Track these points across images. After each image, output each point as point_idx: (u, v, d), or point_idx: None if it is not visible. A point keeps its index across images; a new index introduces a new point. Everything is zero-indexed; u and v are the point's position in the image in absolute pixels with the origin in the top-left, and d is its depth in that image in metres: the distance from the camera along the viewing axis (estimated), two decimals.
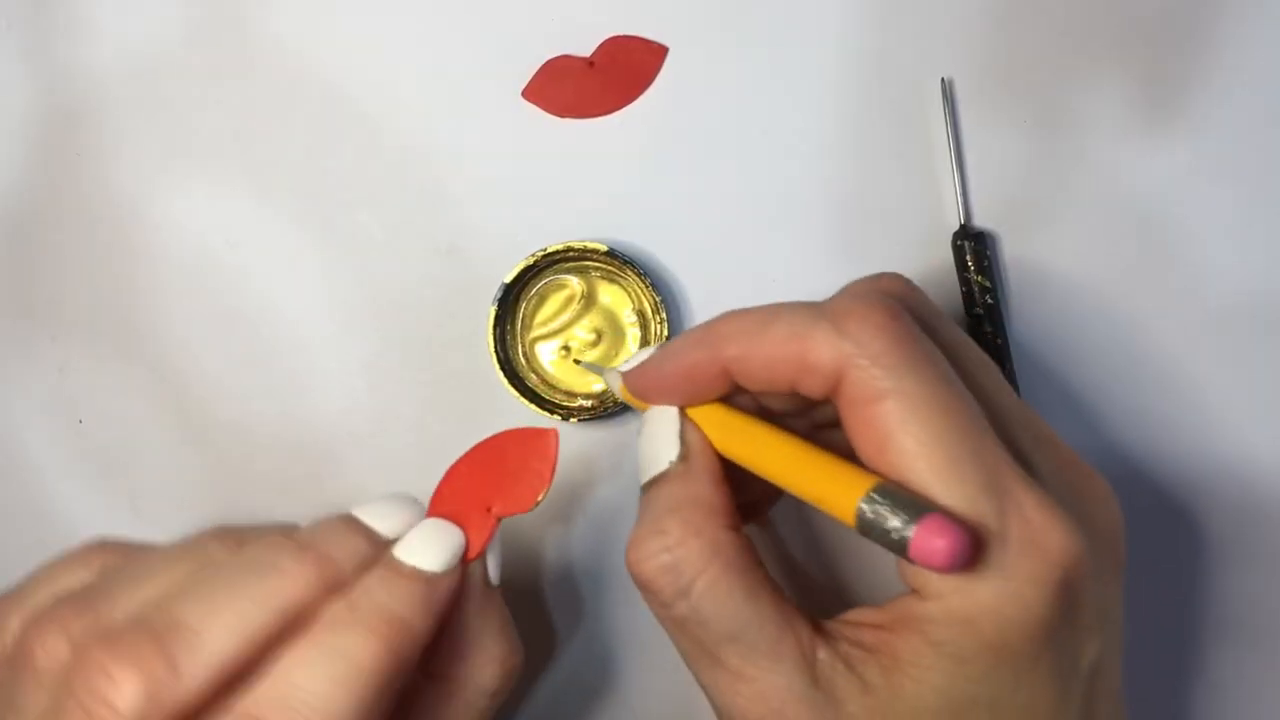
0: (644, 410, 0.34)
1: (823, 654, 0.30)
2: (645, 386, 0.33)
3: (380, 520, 0.31)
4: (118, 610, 0.28)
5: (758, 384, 0.31)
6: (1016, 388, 0.40)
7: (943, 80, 0.40)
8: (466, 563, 0.31)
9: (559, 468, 0.39)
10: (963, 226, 0.40)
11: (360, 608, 0.28)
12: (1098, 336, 0.40)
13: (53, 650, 0.27)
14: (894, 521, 0.27)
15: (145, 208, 0.40)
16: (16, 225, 0.40)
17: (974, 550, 0.27)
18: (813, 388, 0.30)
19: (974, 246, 0.39)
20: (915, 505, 0.27)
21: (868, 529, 0.28)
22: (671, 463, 0.32)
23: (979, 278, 0.39)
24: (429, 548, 0.30)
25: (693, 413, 0.33)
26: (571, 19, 0.40)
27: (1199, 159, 0.40)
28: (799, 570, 0.40)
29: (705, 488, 0.31)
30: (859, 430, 0.29)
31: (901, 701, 0.29)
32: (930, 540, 0.27)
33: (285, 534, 0.30)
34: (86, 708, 0.26)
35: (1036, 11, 0.41)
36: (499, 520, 0.31)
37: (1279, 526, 0.40)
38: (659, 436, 0.32)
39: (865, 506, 0.28)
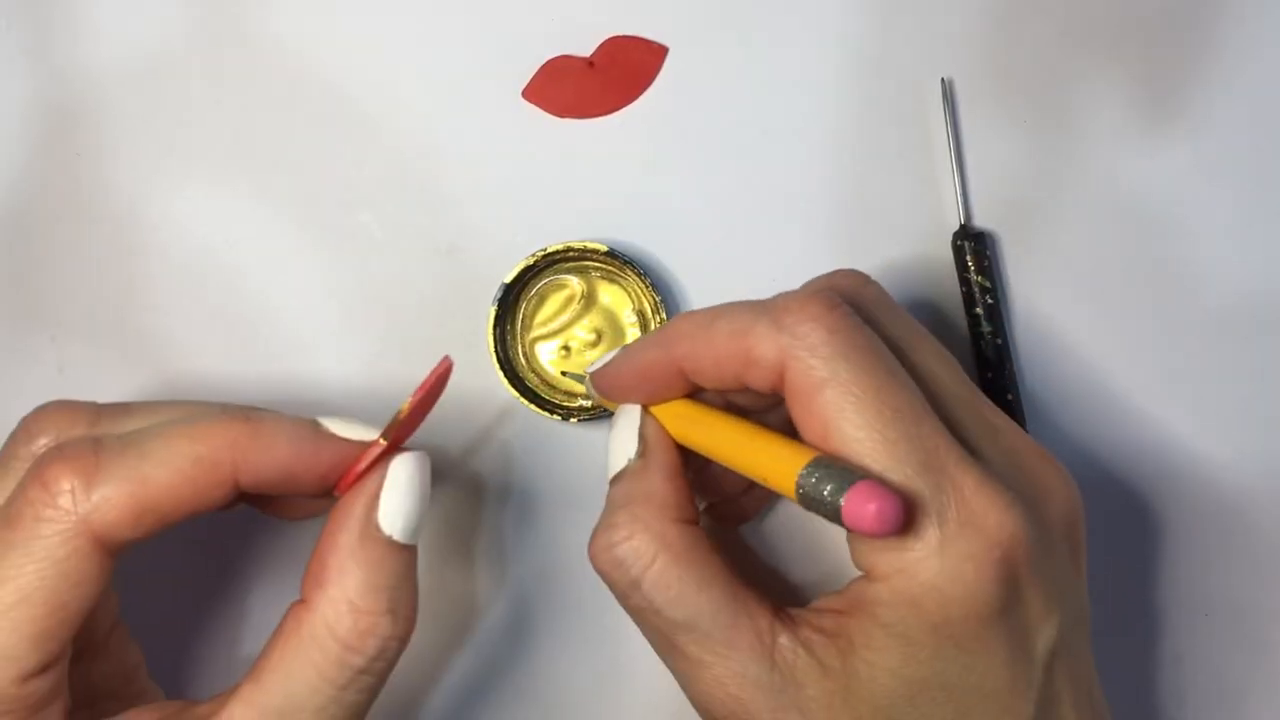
0: (608, 404, 0.35)
1: (784, 639, 0.31)
2: (608, 386, 0.35)
3: (341, 429, 0.32)
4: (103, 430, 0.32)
5: (710, 381, 0.32)
6: (1017, 388, 0.40)
7: (943, 80, 0.40)
8: (351, 475, 0.31)
9: (563, 463, 0.39)
10: (963, 226, 0.40)
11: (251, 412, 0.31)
12: (1097, 336, 0.40)
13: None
14: (828, 491, 0.28)
15: (145, 208, 0.40)
16: (16, 225, 0.40)
17: (903, 513, 0.28)
18: (760, 381, 0.31)
19: (974, 246, 0.39)
20: (848, 474, 0.29)
21: (807, 501, 0.29)
22: (630, 460, 0.33)
23: (979, 278, 0.39)
24: (342, 424, 0.32)
25: (657, 410, 0.34)
26: (571, 19, 0.40)
27: (1199, 159, 0.40)
28: (788, 567, 0.40)
29: (658, 482, 0.33)
30: (803, 420, 0.31)
31: (857, 683, 0.30)
32: (861, 505, 0.28)
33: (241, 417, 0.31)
34: (27, 497, 0.29)
35: (1036, 11, 0.41)
36: (383, 446, 0.31)
37: (1279, 523, 0.40)
38: (621, 434, 0.34)
39: (803, 479, 0.29)
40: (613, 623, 0.39)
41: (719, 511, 0.39)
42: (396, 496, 0.31)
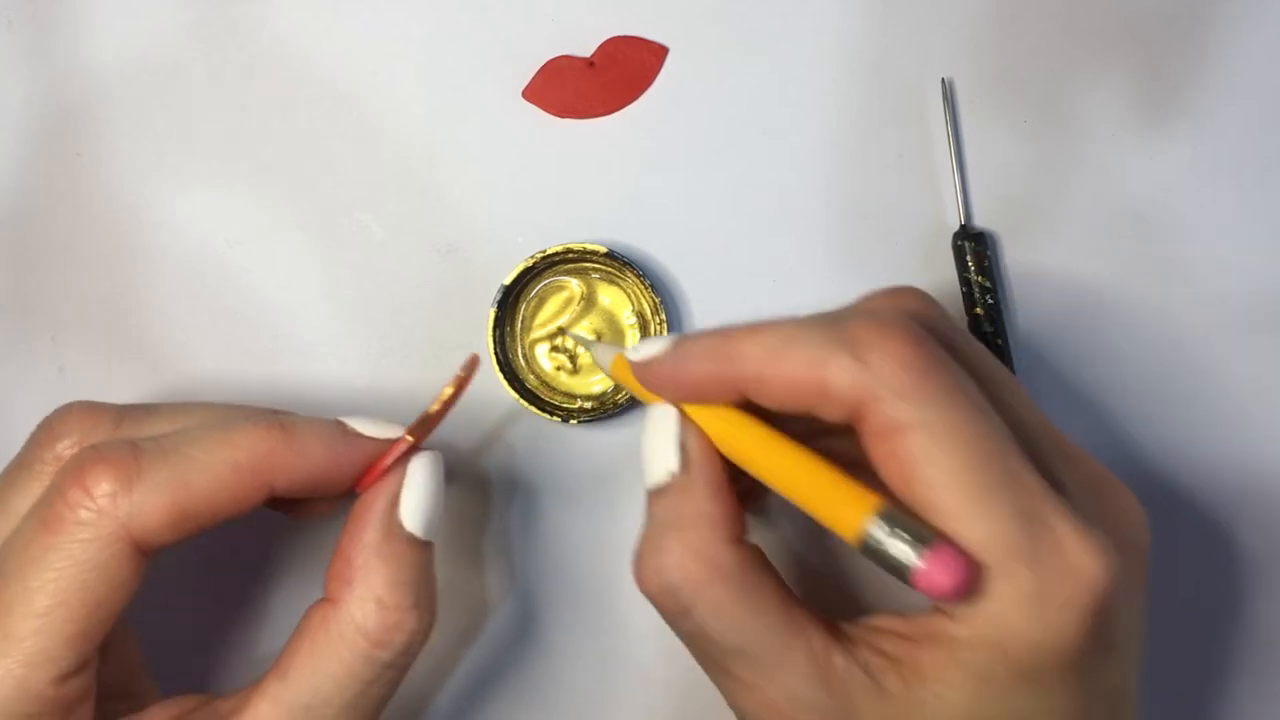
0: (636, 390, 0.33)
1: (839, 659, 0.29)
2: (654, 384, 0.32)
3: (366, 428, 0.33)
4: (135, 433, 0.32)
5: (772, 404, 0.30)
6: None
7: (943, 80, 0.40)
8: (375, 472, 0.32)
9: (563, 464, 0.40)
10: (963, 226, 0.40)
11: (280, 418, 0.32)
12: (1098, 336, 0.40)
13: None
14: (898, 549, 0.27)
15: (145, 208, 0.40)
16: (16, 225, 0.40)
17: (976, 580, 0.27)
18: (831, 415, 0.30)
19: (974, 246, 0.39)
20: (922, 533, 0.27)
21: (872, 555, 0.28)
22: (671, 474, 0.31)
23: (979, 278, 0.39)
24: (366, 423, 0.32)
25: (698, 414, 0.32)
26: (571, 19, 0.40)
27: (1199, 159, 0.40)
28: (813, 568, 0.39)
29: (705, 501, 0.31)
30: (884, 462, 0.29)
31: (918, 713, 0.29)
32: (937, 572, 0.27)
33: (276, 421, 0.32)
34: (66, 499, 0.29)
35: (1037, 11, 0.41)
36: (410, 443, 0.32)
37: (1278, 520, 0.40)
38: (659, 444, 0.32)
39: (870, 531, 0.28)
40: (616, 620, 0.39)
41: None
42: (416, 494, 0.32)
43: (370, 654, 0.30)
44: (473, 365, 0.33)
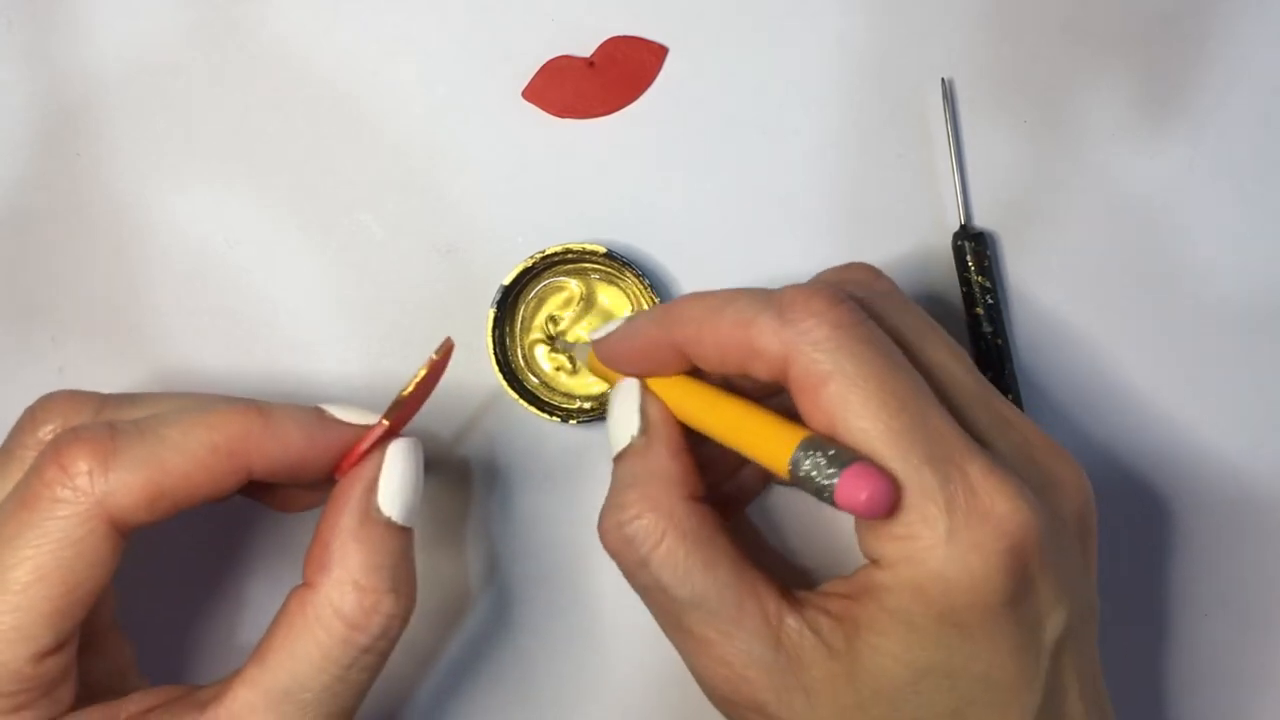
0: (607, 376, 0.35)
1: (791, 620, 0.31)
2: (611, 357, 0.35)
3: (345, 415, 0.33)
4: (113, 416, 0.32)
5: (711, 365, 0.32)
6: (1017, 388, 0.40)
7: (943, 80, 0.40)
8: (352, 456, 0.32)
9: (562, 465, 0.40)
10: (963, 226, 0.40)
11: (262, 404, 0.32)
12: (1097, 336, 0.40)
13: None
14: (821, 471, 0.29)
15: (145, 207, 0.40)
16: (16, 225, 0.40)
17: (896, 495, 0.29)
18: (762, 372, 0.31)
19: (974, 246, 0.39)
20: (842, 454, 0.29)
21: (799, 481, 0.29)
22: (633, 437, 0.33)
23: (979, 278, 0.39)
24: (345, 410, 0.33)
25: (657, 384, 0.34)
26: (571, 19, 0.40)
27: (1199, 159, 0.40)
28: (797, 553, 0.40)
29: (663, 460, 0.33)
30: (809, 413, 0.31)
31: (861, 667, 0.30)
32: (854, 486, 0.28)
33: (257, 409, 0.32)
34: (44, 478, 0.29)
35: (1037, 11, 0.41)
36: (385, 427, 0.32)
37: (1277, 521, 0.40)
38: (622, 412, 0.34)
39: (796, 458, 0.29)
40: (596, 609, 0.39)
41: (714, 496, 0.38)
42: (394, 479, 0.32)
43: (348, 637, 0.31)
44: (447, 349, 0.34)
